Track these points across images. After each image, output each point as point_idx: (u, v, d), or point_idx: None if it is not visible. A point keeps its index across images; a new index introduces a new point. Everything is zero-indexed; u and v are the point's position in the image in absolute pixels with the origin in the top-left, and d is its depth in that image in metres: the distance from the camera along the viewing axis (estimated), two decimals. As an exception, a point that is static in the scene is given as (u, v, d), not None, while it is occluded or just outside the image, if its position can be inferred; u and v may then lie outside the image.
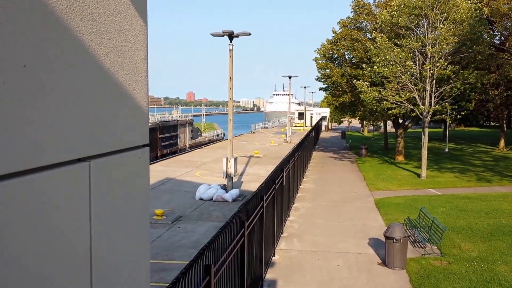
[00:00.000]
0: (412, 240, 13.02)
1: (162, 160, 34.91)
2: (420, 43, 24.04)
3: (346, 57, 35.82)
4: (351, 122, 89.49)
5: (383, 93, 25.26)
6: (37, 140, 1.20)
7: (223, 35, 20.27)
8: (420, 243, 12.85)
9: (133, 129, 1.72)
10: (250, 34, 20.78)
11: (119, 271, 1.64)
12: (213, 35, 20.64)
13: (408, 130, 38.04)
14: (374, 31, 27.57)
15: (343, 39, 34.24)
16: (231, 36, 20.21)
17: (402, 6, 24.01)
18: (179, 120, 70.71)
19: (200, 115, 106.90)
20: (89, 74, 1.42)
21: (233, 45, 20.49)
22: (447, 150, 38.95)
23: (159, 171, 26.24)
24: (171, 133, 65.28)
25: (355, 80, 28.07)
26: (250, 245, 8.51)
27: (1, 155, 1.08)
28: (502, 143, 40.76)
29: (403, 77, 24.72)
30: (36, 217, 1.20)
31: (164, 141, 62.00)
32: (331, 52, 35.96)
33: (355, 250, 12.85)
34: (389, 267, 11.38)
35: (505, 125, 41.31)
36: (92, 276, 1.46)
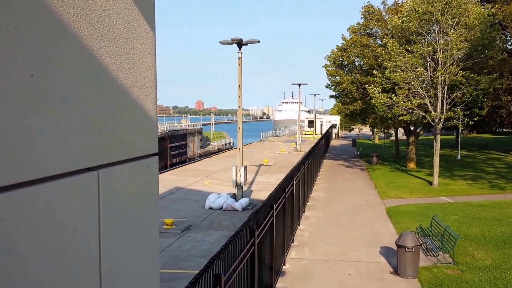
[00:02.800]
0: (424, 248, 12.87)
1: (171, 169, 34.95)
2: (431, 48, 23.91)
3: (356, 64, 35.69)
4: (361, 129, 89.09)
5: (394, 99, 25.13)
6: (46, 150, 1.19)
7: (232, 43, 20.28)
8: (433, 252, 12.69)
9: (142, 138, 1.71)
10: (259, 41, 20.79)
11: (128, 280, 1.62)
12: (222, 43, 20.68)
13: (420, 137, 37.72)
14: (384, 37, 27.49)
15: (353, 45, 34.12)
16: (240, 44, 20.22)
17: (412, 11, 23.92)
18: (188, 129, 70.92)
19: (209, 124, 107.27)
20: (97, 83, 1.42)
21: (242, 53, 20.50)
22: (459, 157, 38.58)
23: (169, 180, 26.28)
24: (180, 142, 65.44)
25: (366, 85, 27.93)
26: (260, 254, 8.46)
27: (10, 165, 1.08)
28: (515, 149, 40.27)
29: (413, 83, 24.59)
30: (45, 226, 1.19)
31: (173, 150, 62.17)
32: (341, 59, 35.83)
33: (367, 259, 12.73)
34: (401, 276, 11.25)
35: (517, 132, 40.86)
36: (102, 285, 1.45)
